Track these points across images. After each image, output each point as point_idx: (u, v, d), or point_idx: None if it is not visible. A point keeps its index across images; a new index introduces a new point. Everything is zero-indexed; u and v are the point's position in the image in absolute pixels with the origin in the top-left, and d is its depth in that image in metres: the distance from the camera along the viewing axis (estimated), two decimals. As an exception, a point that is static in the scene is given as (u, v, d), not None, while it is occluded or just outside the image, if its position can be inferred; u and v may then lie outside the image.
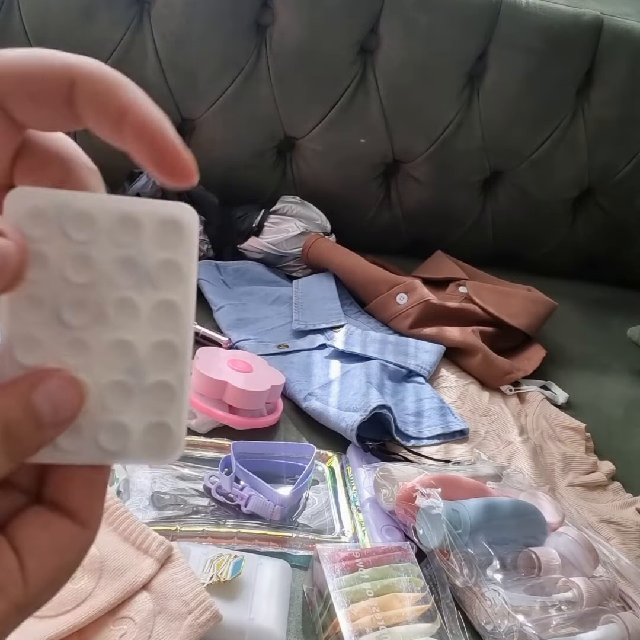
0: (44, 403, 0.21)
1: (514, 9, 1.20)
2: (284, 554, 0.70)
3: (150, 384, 0.23)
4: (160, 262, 0.22)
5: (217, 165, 1.26)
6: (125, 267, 0.22)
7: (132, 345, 0.22)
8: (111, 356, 0.22)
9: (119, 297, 0.22)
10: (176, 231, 0.22)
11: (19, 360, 0.21)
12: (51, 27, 1.12)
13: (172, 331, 0.22)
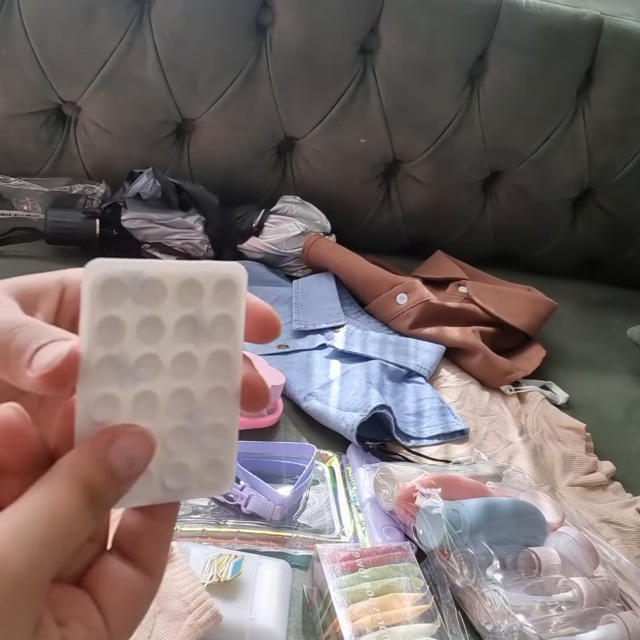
0: (119, 460, 0.22)
1: (514, 9, 1.20)
2: (284, 554, 0.70)
3: (207, 427, 0.25)
4: (215, 317, 0.25)
5: (217, 165, 1.26)
6: (187, 324, 0.24)
7: (191, 393, 0.25)
8: (173, 404, 0.25)
9: (181, 352, 0.24)
10: (230, 289, 0.25)
11: (94, 419, 0.23)
12: (51, 27, 1.12)
13: (224, 377, 0.25)
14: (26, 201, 1.14)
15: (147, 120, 1.20)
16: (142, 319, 0.24)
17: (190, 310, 0.24)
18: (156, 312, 0.24)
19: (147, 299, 0.24)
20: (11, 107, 1.17)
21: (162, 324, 0.24)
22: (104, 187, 1.17)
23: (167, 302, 0.24)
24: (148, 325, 0.24)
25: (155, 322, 0.24)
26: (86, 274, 0.23)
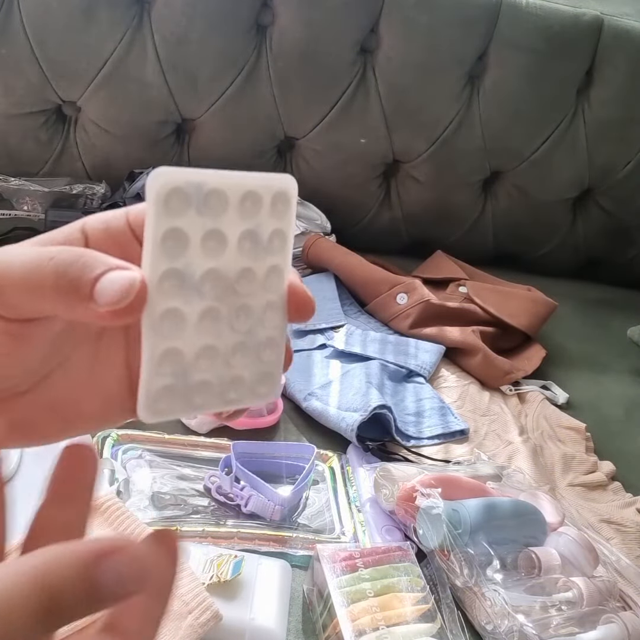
0: (107, 578, 0.19)
1: (514, 9, 1.20)
2: (284, 554, 0.70)
3: (263, 341, 0.26)
4: (272, 231, 0.25)
5: (217, 165, 1.23)
6: (248, 238, 0.25)
7: (251, 309, 0.25)
8: (236, 321, 0.25)
9: (244, 267, 0.25)
10: (285, 202, 0.27)
11: (162, 333, 0.23)
12: (51, 27, 1.12)
13: (276, 291, 0.26)
14: (26, 201, 1.14)
15: (147, 120, 1.20)
16: (205, 232, 0.23)
17: (251, 224, 0.24)
18: (220, 225, 0.24)
19: (210, 210, 0.23)
20: (11, 107, 1.17)
21: (225, 238, 0.24)
22: (104, 187, 1.17)
23: (229, 214, 0.24)
24: (212, 238, 0.24)
25: (218, 235, 0.24)
26: (150, 184, 0.22)
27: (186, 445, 0.80)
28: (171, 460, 0.77)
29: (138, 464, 0.75)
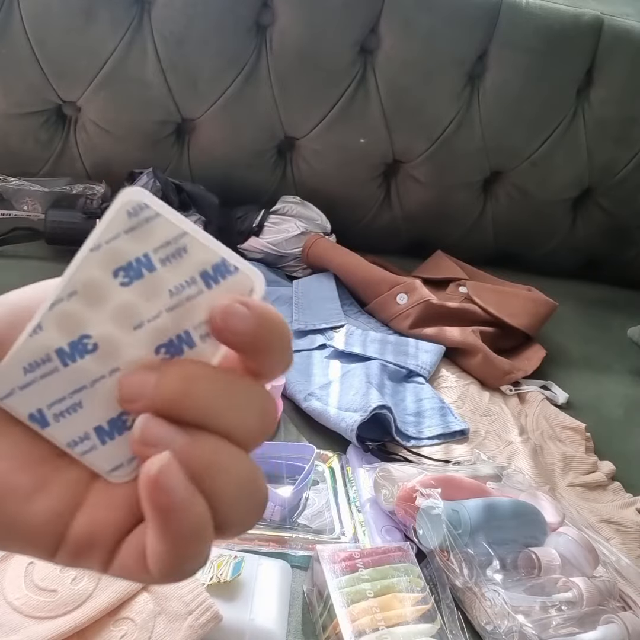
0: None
1: (514, 9, 1.20)
2: (284, 554, 0.70)
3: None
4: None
5: (217, 165, 1.26)
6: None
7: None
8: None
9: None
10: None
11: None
12: (51, 27, 1.12)
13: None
14: (26, 201, 1.14)
15: (147, 120, 1.20)
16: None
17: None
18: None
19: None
20: (11, 107, 1.17)
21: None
22: (104, 187, 1.17)
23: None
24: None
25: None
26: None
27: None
28: (171, 460, 0.77)
29: (138, 464, 0.75)
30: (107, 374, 0.23)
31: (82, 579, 0.57)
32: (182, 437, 0.21)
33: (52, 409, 0.23)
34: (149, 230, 0.22)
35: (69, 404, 0.23)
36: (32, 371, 0.22)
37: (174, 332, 0.22)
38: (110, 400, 0.23)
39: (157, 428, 0.21)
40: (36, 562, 0.58)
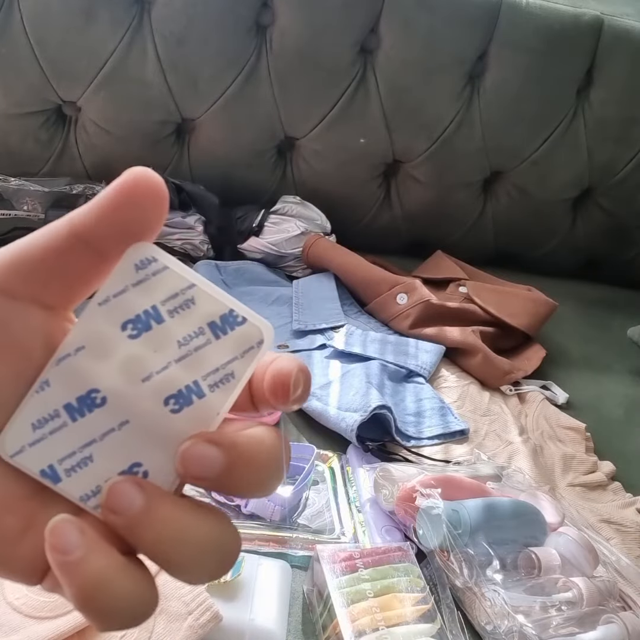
0: None
1: (514, 9, 1.20)
2: (284, 554, 0.70)
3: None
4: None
5: (217, 165, 1.26)
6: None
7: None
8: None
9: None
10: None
11: None
12: (51, 27, 1.12)
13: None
14: (26, 201, 1.14)
15: (147, 120, 1.20)
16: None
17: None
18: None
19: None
20: (11, 107, 1.17)
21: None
22: (104, 187, 1.16)
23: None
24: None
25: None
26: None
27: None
28: (171, 460, 0.77)
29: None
30: (117, 427, 0.23)
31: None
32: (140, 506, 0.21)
33: (63, 464, 0.22)
34: (157, 282, 0.22)
35: (80, 459, 0.23)
36: (40, 427, 0.22)
37: (182, 383, 0.23)
38: (121, 452, 0.23)
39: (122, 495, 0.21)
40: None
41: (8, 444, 0.22)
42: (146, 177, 0.21)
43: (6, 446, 0.22)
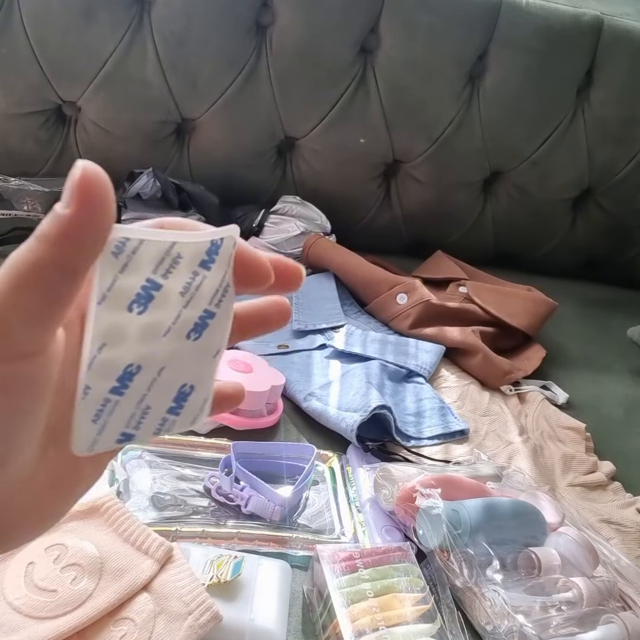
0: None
1: (514, 9, 1.20)
2: (284, 554, 0.70)
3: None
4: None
5: (217, 165, 1.26)
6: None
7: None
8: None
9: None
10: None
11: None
12: (51, 27, 1.12)
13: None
14: (26, 201, 1.14)
15: (147, 120, 1.20)
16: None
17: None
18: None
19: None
20: (11, 107, 1.17)
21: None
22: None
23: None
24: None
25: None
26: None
27: (186, 445, 0.80)
28: (171, 460, 0.77)
29: (138, 465, 0.75)
30: (157, 375, 0.25)
31: (82, 579, 0.57)
32: None
33: (130, 426, 0.25)
34: (140, 258, 0.23)
35: (140, 413, 0.25)
36: (99, 418, 0.24)
37: (195, 317, 0.25)
38: (168, 388, 0.25)
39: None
40: (36, 562, 0.58)
41: (80, 445, 0.24)
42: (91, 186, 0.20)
43: (80, 447, 0.24)
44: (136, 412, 0.25)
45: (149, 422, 0.26)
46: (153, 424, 0.26)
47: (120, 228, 0.22)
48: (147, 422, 0.26)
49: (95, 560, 0.58)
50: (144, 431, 0.26)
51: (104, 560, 0.59)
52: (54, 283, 0.20)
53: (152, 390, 0.25)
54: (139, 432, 0.26)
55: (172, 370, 0.25)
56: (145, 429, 0.26)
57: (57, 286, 0.20)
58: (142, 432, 0.26)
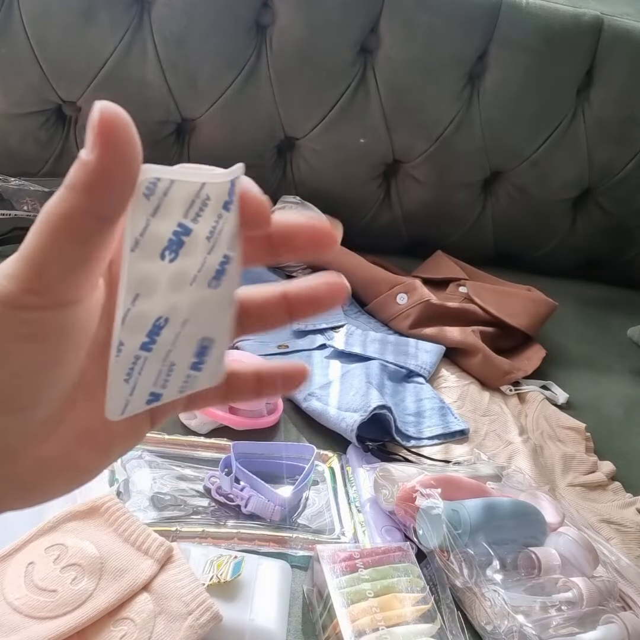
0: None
1: (514, 9, 1.20)
2: (284, 554, 0.70)
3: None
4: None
5: (217, 166, 1.25)
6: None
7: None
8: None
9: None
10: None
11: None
12: (51, 27, 1.12)
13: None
14: (26, 201, 1.14)
15: (147, 120, 1.20)
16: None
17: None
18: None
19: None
20: (11, 107, 1.17)
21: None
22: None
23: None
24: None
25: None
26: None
27: (186, 445, 0.80)
28: (171, 460, 0.77)
29: (138, 465, 0.75)
30: (181, 329, 0.24)
31: (82, 579, 0.57)
32: None
33: (157, 384, 0.25)
34: (172, 200, 0.22)
35: (167, 370, 0.25)
36: (131, 377, 0.24)
37: (216, 264, 0.24)
38: (190, 342, 0.25)
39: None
40: (36, 562, 0.58)
41: (113, 410, 0.24)
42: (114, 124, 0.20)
43: (114, 411, 0.24)
44: (162, 369, 0.25)
45: (175, 380, 0.25)
46: (178, 381, 0.26)
47: (150, 168, 0.22)
48: (172, 379, 0.25)
49: (95, 560, 0.58)
50: (170, 389, 0.25)
51: (104, 560, 0.59)
52: (88, 231, 0.20)
53: (176, 345, 0.24)
54: (166, 390, 0.25)
55: (195, 322, 0.25)
56: (171, 387, 0.25)
57: (91, 234, 0.20)
58: (168, 391, 0.25)
